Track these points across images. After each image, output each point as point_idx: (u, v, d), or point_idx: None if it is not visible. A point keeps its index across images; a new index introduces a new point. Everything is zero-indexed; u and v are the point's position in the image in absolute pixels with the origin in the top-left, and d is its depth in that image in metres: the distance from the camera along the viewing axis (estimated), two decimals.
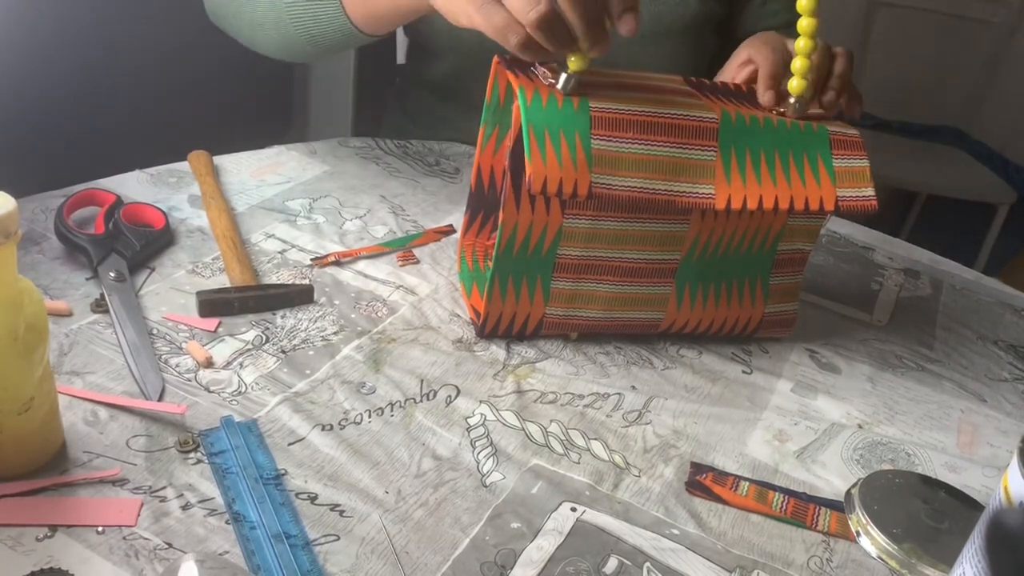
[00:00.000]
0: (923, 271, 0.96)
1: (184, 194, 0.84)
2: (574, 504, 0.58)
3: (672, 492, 0.60)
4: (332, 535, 0.52)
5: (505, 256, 0.68)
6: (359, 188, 0.91)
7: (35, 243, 0.73)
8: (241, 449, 0.57)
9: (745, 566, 0.56)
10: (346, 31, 0.83)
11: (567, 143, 0.62)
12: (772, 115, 0.69)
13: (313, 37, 0.85)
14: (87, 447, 0.55)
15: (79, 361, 0.62)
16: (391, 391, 0.64)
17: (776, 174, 0.67)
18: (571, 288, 0.70)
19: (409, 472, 0.58)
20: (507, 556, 0.53)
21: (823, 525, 0.60)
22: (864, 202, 0.68)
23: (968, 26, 2.53)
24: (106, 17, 1.38)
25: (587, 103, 0.64)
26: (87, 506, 0.51)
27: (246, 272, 0.73)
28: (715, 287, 0.73)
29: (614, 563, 0.54)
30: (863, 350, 0.80)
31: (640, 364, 0.72)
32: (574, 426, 0.64)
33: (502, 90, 0.71)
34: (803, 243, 0.74)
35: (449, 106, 1.07)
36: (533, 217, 0.66)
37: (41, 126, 1.34)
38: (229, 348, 0.66)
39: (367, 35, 0.84)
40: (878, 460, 0.67)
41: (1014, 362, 0.83)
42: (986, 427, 0.73)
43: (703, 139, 0.66)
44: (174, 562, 0.45)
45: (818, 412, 0.71)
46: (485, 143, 0.74)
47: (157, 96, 1.48)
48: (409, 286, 0.76)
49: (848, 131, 0.70)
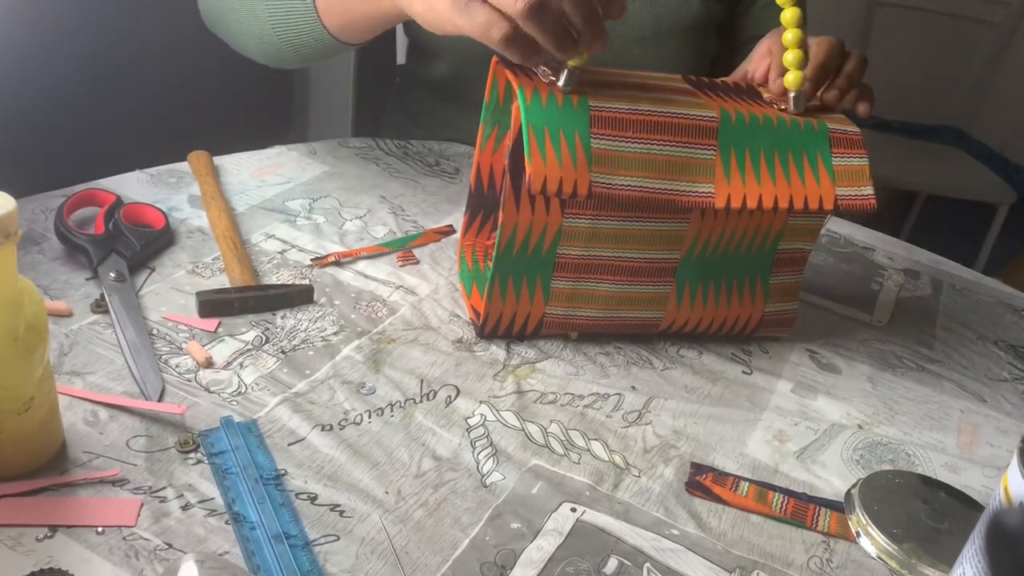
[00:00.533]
0: (923, 271, 0.96)
1: (184, 194, 0.84)
2: (574, 504, 0.58)
3: (672, 492, 0.60)
4: (332, 535, 0.52)
5: (505, 256, 0.68)
6: (359, 188, 0.91)
7: (35, 243, 0.73)
8: (241, 449, 0.57)
9: (745, 566, 0.56)
10: (324, 40, 0.83)
11: (567, 142, 0.62)
12: (772, 113, 0.69)
13: (294, 46, 0.85)
14: (87, 447, 0.55)
15: (79, 361, 0.62)
16: (391, 391, 0.64)
17: (775, 173, 0.67)
18: (571, 287, 0.70)
19: (409, 472, 0.58)
20: (507, 556, 0.53)
21: (823, 525, 0.60)
22: (863, 201, 0.68)
23: (968, 26, 2.53)
24: (106, 17, 1.38)
25: (587, 102, 0.64)
26: (87, 506, 0.51)
27: (246, 272, 0.73)
28: (715, 286, 0.73)
29: (614, 563, 0.54)
30: (863, 350, 0.80)
31: (640, 364, 0.72)
32: (574, 426, 0.64)
33: (501, 90, 0.71)
34: (803, 242, 0.74)
35: (449, 106, 1.08)
36: (533, 217, 0.66)
37: (41, 126, 1.34)
38: (229, 348, 0.66)
39: (344, 43, 0.84)
40: (878, 460, 0.67)
41: (1014, 362, 0.83)
42: (986, 427, 0.73)
43: (703, 138, 0.66)
44: (174, 562, 0.45)
45: (818, 412, 0.71)
46: (484, 143, 0.74)
47: (157, 96, 1.48)
48: (409, 286, 0.76)
49: (849, 128, 0.70)
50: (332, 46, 0.85)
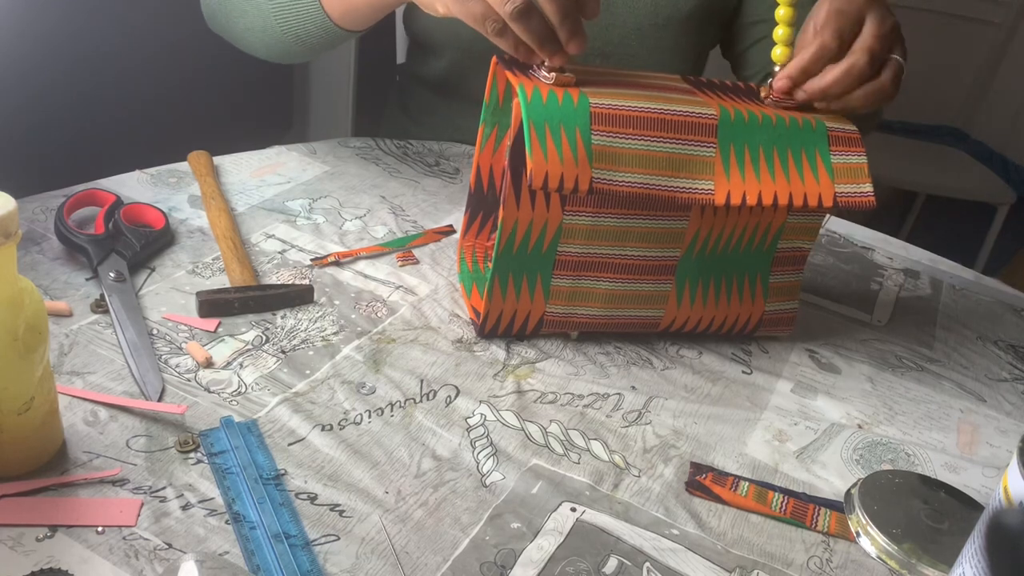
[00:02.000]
0: (923, 271, 0.96)
1: (184, 194, 0.84)
2: (574, 504, 0.58)
3: (672, 492, 0.60)
4: (332, 535, 0.52)
5: (505, 254, 0.68)
6: (359, 188, 0.91)
7: (35, 243, 0.73)
8: (241, 449, 0.57)
9: (745, 566, 0.56)
10: (327, 28, 0.85)
11: (568, 139, 0.62)
12: (771, 112, 0.69)
13: (299, 36, 0.86)
14: (87, 447, 0.55)
15: (79, 361, 0.62)
16: (391, 391, 0.64)
17: (775, 170, 0.67)
18: (571, 285, 0.70)
19: (409, 472, 0.58)
20: (507, 556, 0.53)
21: (823, 525, 0.60)
22: (863, 198, 0.68)
23: (968, 26, 2.54)
24: (106, 17, 1.39)
25: (587, 99, 0.64)
26: (87, 506, 0.51)
27: (246, 272, 0.73)
28: (715, 284, 0.73)
29: (614, 563, 0.54)
30: (863, 350, 0.80)
31: (640, 364, 0.72)
32: (574, 426, 0.64)
33: (501, 90, 0.71)
34: (803, 241, 0.75)
35: (449, 103, 1.08)
36: (533, 214, 0.66)
37: (41, 126, 1.34)
38: (229, 348, 0.66)
39: (347, 31, 0.85)
40: (878, 460, 0.67)
41: (1014, 362, 0.83)
42: (986, 427, 0.73)
43: (703, 135, 0.66)
44: (174, 562, 0.45)
45: (818, 412, 0.71)
46: (484, 143, 0.74)
47: (157, 96, 1.48)
48: (409, 286, 0.76)
49: (847, 127, 0.70)
50: (337, 35, 0.86)
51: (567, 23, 0.63)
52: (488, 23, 0.63)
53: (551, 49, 0.64)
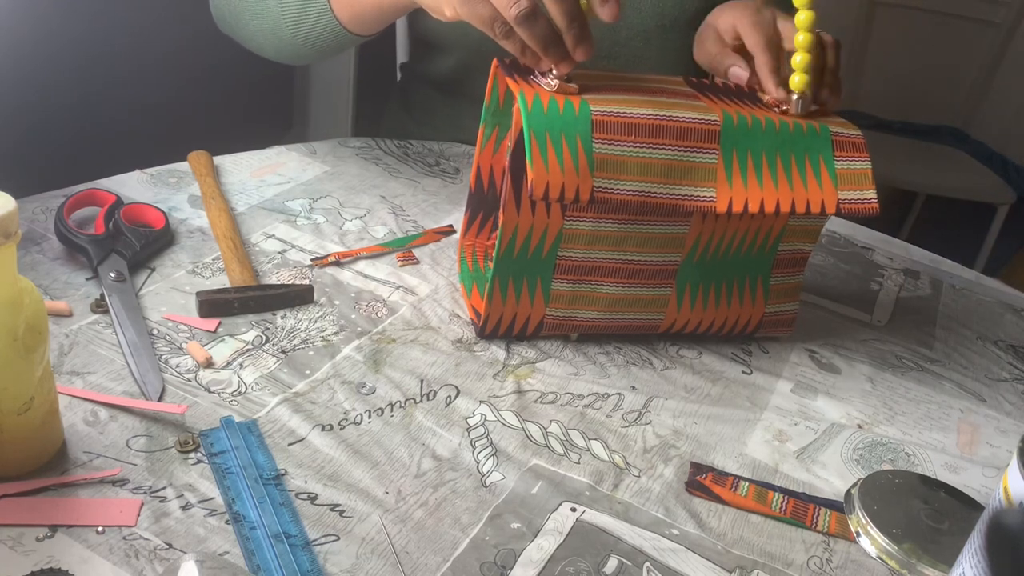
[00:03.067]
0: (923, 271, 0.96)
1: (184, 194, 0.84)
2: (574, 504, 0.58)
3: (672, 492, 0.60)
4: (332, 535, 0.52)
5: (505, 258, 0.68)
6: (359, 188, 0.91)
7: (35, 243, 0.73)
8: (241, 449, 0.57)
9: (745, 566, 0.56)
10: (336, 32, 0.85)
11: (568, 147, 0.62)
12: (774, 116, 0.69)
13: (308, 40, 0.87)
14: (87, 447, 0.55)
15: (79, 361, 0.62)
16: (391, 391, 0.64)
17: (777, 177, 0.67)
18: (571, 289, 0.70)
19: (409, 472, 0.58)
20: (507, 556, 0.53)
21: (823, 525, 0.60)
22: (865, 205, 0.68)
23: (968, 26, 2.53)
24: (106, 17, 1.39)
25: (588, 107, 0.63)
26: (87, 506, 0.51)
27: (246, 272, 0.73)
28: (715, 287, 0.73)
29: (614, 563, 0.54)
30: (863, 350, 0.80)
31: (640, 364, 0.72)
32: (574, 426, 0.64)
33: (501, 92, 0.71)
34: (803, 243, 0.74)
35: (452, 102, 1.08)
36: (533, 220, 0.66)
37: (41, 126, 1.34)
38: (229, 348, 0.66)
39: (356, 35, 0.86)
40: (878, 460, 0.67)
41: (1014, 362, 0.83)
42: (986, 427, 0.73)
43: (705, 142, 0.65)
44: (174, 562, 0.45)
45: (818, 412, 0.71)
46: (485, 143, 0.74)
47: (157, 96, 1.48)
48: (409, 286, 0.76)
49: (851, 131, 0.70)
50: (346, 38, 0.86)
51: (574, 27, 0.62)
52: (496, 26, 0.63)
53: (557, 55, 0.63)
